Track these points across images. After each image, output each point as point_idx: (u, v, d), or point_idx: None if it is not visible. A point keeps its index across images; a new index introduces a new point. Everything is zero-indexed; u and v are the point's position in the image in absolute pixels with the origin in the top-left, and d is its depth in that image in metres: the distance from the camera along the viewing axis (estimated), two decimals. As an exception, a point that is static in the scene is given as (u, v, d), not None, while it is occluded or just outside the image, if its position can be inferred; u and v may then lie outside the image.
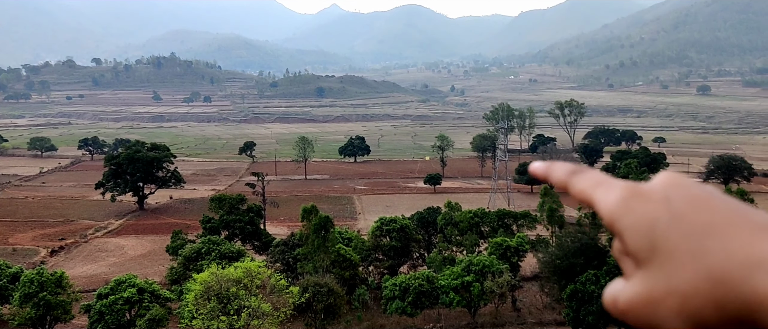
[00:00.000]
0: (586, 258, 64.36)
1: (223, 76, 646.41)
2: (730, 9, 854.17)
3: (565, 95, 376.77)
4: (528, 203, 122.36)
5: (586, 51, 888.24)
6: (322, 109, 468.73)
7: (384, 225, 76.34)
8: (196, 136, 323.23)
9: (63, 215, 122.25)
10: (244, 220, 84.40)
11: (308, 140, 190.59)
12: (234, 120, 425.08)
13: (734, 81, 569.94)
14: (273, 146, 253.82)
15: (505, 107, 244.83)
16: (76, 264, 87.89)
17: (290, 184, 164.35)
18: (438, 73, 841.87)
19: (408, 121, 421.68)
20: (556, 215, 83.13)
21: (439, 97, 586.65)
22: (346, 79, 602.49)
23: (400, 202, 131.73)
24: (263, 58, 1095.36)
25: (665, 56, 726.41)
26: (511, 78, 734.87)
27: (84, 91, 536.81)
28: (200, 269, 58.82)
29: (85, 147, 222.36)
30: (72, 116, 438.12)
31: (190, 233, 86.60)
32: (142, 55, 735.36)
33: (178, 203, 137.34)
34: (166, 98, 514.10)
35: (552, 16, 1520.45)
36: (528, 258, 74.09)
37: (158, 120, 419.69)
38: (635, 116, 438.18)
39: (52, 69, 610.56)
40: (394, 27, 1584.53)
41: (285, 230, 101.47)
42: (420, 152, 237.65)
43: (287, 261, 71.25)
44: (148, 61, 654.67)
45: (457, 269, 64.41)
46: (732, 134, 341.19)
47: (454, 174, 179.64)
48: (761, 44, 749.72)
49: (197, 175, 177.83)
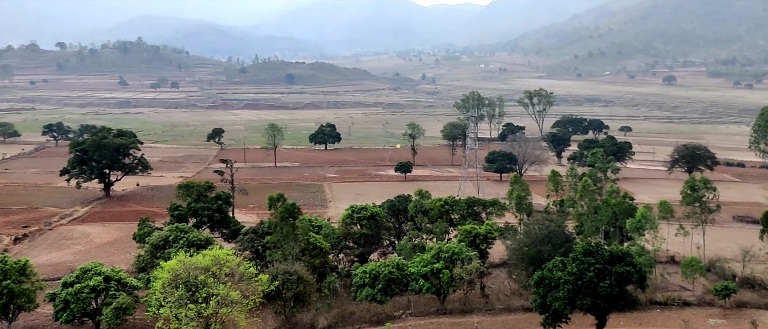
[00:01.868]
0: (554, 245, 65.27)
1: (191, 61, 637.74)
2: (696, 1, 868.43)
3: (534, 85, 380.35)
4: (497, 191, 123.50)
5: (555, 41, 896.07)
6: (292, 96, 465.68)
7: (355, 213, 76.36)
8: (163, 122, 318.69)
9: (27, 202, 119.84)
10: (212, 208, 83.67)
11: (278, 128, 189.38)
12: (202, 106, 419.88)
13: (699, 72, 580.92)
14: (242, 133, 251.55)
15: (475, 95, 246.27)
16: (40, 252, 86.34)
17: (260, 171, 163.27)
18: (409, 62, 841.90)
19: (379, 108, 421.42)
20: (525, 203, 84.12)
21: (410, 85, 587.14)
22: (316, 66, 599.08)
23: (371, 190, 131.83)
24: (232, 44, 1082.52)
25: (632, 47, 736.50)
26: (481, 67, 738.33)
27: (48, 75, 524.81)
28: (168, 257, 58.24)
29: (50, 133, 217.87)
30: (36, 101, 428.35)
31: (157, 220, 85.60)
32: (108, 40, 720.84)
33: (145, 190, 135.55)
34: (133, 84, 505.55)
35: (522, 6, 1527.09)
36: (496, 245, 74.85)
37: (124, 106, 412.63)
38: (603, 105, 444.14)
39: (14, 53, 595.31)
40: (365, 14, 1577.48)
41: (254, 218, 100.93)
42: (391, 140, 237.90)
43: (256, 249, 70.90)
44: (114, 46, 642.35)
45: (426, 256, 64.78)
46: (696, 123, 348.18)
47: (425, 162, 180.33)
48: (725, 36, 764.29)
49: (164, 162, 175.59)
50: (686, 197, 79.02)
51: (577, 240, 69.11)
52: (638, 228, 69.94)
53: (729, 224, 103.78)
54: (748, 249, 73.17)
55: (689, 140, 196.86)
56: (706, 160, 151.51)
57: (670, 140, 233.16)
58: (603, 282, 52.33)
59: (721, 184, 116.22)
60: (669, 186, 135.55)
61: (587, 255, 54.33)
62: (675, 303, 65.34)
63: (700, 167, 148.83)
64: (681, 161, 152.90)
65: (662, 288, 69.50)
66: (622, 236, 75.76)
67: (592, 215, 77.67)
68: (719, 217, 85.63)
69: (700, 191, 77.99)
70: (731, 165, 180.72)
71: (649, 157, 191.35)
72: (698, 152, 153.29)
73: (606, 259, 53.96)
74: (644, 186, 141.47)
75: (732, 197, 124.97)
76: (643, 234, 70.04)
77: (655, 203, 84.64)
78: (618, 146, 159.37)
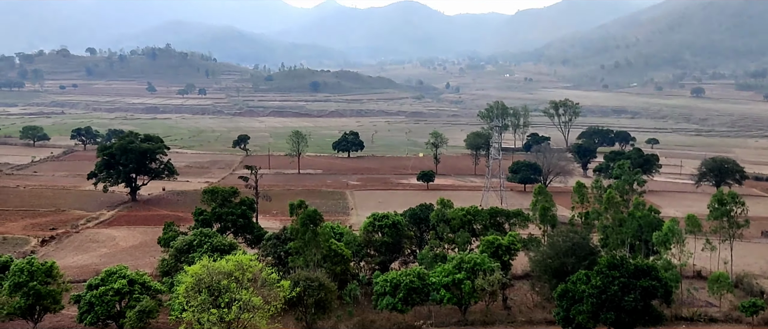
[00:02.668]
0: (578, 257, 64.49)
1: (218, 68, 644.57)
2: (725, 12, 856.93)
3: (559, 95, 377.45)
4: (521, 201, 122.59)
5: (581, 51, 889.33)
6: (316, 103, 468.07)
7: (376, 221, 76.30)
8: (190, 128, 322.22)
9: (54, 204, 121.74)
10: (236, 213, 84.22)
11: (302, 135, 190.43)
12: (228, 113, 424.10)
13: (728, 84, 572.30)
14: (267, 140, 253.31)
15: (499, 105, 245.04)
16: (66, 254, 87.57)
17: (283, 178, 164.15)
18: (433, 70, 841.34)
19: (402, 117, 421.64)
20: (549, 215, 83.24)
21: (434, 94, 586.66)
22: (341, 75, 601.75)
23: (393, 198, 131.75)
24: (259, 51, 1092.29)
25: (660, 58, 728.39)
26: (506, 76, 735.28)
27: (78, 80, 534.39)
28: (192, 261, 58.64)
29: (78, 137, 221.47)
30: (65, 105, 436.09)
31: (182, 225, 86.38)
32: (136, 45, 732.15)
33: (171, 194, 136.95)
34: (161, 90, 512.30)
35: (548, 16, 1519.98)
36: (519, 257, 74.19)
37: (152, 111, 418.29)
38: (629, 116, 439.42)
39: (45, 58, 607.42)
40: (390, 23, 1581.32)
41: (277, 224, 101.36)
42: (414, 149, 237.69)
43: (279, 255, 71.14)
44: (143, 52, 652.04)
45: (448, 266, 64.41)
46: (725, 136, 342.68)
47: (448, 171, 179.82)
48: (755, 48, 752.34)
49: (190, 167, 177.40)
50: (714, 212, 77.67)
51: (601, 253, 68.28)
52: (665, 242, 68.87)
53: (757, 240, 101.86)
54: (778, 266, 71.75)
55: (717, 154, 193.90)
56: (734, 174, 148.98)
57: (698, 153, 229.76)
58: (628, 296, 51.65)
59: (750, 199, 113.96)
60: (696, 200, 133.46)
61: (612, 268, 53.66)
62: (701, 319, 64.17)
63: (728, 181, 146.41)
64: (709, 174, 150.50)
65: (688, 303, 68.34)
66: (648, 250, 74.66)
67: (617, 227, 76.68)
68: (747, 232, 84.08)
69: (728, 205, 76.62)
70: (760, 180, 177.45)
71: (676, 170, 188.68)
72: (726, 166, 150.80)
73: (631, 273, 53.25)
74: (671, 199, 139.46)
75: (760, 212, 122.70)
76: (670, 248, 68.95)
77: (681, 217, 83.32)
78: (644, 158, 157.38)
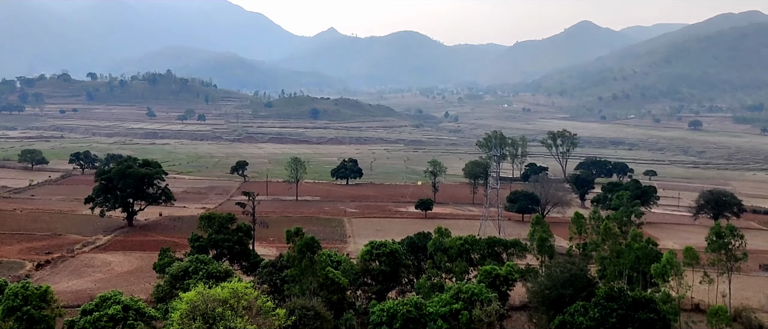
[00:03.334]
0: (576, 288, 64.13)
1: (218, 94, 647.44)
2: (721, 45, 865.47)
3: (557, 125, 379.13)
4: (518, 231, 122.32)
5: (579, 82, 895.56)
6: (316, 130, 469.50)
7: (374, 249, 75.97)
8: (188, 153, 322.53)
9: (51, 228, 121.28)
10: (232, 239, 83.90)
11: (300, 161, 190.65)
12: (227, 139, 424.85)
13: (725, 117, 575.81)
14: (265, 166, 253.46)
15: (498, 134, 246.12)
16: (61, 279, 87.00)
17: (281, 204, 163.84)
18: (432, 99, 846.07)
19: (401, 145, 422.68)
20: (547, 245, 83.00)
21: (433, 122, 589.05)
22: (340, 102, 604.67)
23: (391, 226, 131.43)
24: (259, 77, 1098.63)
25: (657, 90, 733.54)
26: (504, 106, 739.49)
27: (78, 105, 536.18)
28: (187, 288, 58.21)
29: (76, 161, 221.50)
30: (65, 129, 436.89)
31: (178, 251, 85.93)
32: (138, 70, 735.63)
33: (168, 220, 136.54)
34: (161, 115, 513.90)
35: (546, 47, 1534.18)
36: (517, 287, 73.77)
37: (151, 136, 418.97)
38: (627, 148, 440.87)
39: (46, 82, 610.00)
40: (390, 52, 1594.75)
41: (274, 251, 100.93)
42: (412, 177, 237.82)
43: (275, 283, 70.68)
44: (143, 78, 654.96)
45: (445, 296, 64.01)
46: (722, 169, 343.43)
47: (446, 200, 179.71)
48: (751, 81, 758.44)
49: (188, 192, 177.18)
50: (711, 244, 77.48)
51: (599, 285, 67.93)
52: (663, 274, 68.63)
53: (755, 273, 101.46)
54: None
55: (715, 186, 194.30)
56: (732, 207, 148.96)
57: (696, 185, 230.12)
58: (626, 328, 51.27)
59: (748, 232, 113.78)
60: (694, 232, 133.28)
61: (610, 300, 53.37)
62: (700, 353, 63.64)
63: (726, 213, 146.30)
64: (706, 207, 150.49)
65: (687, 336, 67.79)
66: (646, 282, 74.34)
67: (615, 259, 76.44)
68: (745, 266, 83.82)
69: (727, 238, 76.48)
70: (758, 213, 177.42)
71: (673, 202, 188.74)
72: (724, 199, 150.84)
73: (629, 305, 52.95)
74: (669, 232, 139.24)
75: (759, 245, 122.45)
76: (668, 281, 68.66)
77: (679, 249, 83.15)
78: (642, 190, 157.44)
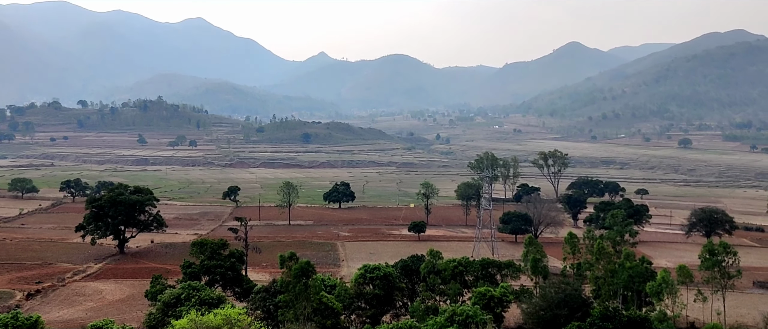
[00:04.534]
0: (570, 309, 64.02)
1: (209, 120, 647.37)
2: (710, 65, 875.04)
3: (548, 146, 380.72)
4: (512, 252, 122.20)
5: (569, 103, 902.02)
6: (307, 154, 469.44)
7: (367, 273, 75.69)
8: (180, 180, 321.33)
9: (41, 257, 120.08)
10: (225, 265, 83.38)
11: (293, 186, 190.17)
12: (219, 164, 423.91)
13: (715, 135, 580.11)
14: (257, 191, 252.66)
15: (489, 156, 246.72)
16: (52, 308, 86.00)
17: (274, 229, 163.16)
18: (424, 122, 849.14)
19: (393, 168, 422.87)
20: (540, 266, 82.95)
21: (425, 145, 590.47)
22: (332, 126, 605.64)
23: (384, 249, 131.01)
24: (251, 103, 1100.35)
25: (647, 109, 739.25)
26: (495, 128, 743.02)
27: (69, 132, 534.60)
28: (179, 315, 57.71)
29: (67, 189, 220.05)
30: (55, 157, 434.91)
31: (170, 278, 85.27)
32: (129, 97, 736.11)
33: (160, 247, 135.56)
34: (152, 142, 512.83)
35: (536, 69, 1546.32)
36: (512, 309, 73.54)
37: (142, 163, 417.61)
38: (618, 167, 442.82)
39: (37, 110, 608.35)
40: (380, 75, 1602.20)
41: (267, 276, 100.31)
42: (405, 199, 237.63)
43: (268, 309, 70.16)
44: (134, 104, 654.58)
45: (440, 319, 63.67)
46: (713, 187, 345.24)
47: (439, 222, 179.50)
48: (739, 99, 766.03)
49: (180, 219, 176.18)
50: (705, 262, 77.66)
51: (594, 304, 67.82)
52: (658, 293, 68.61)
53: (749, 290, 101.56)
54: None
55: (706, 204, 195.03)
56: (724, 224, 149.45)
57: (687, 203, 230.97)
58: (621, 348, 51.10)
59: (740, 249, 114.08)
60: (687, 250, 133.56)
61: (605, 320, 53.25)
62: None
63: (718, 231, 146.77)
64: (699, 224, 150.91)
65: (683, 355, 67.61)
66: (640, 301, 74.27)
67: (609, 278, 76.42)
68: (739, 283, 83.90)
69: (720, 255, 76.67)
70: (750, 230, 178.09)
71: (665, 220, 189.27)
72: (716, 216, 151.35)
73: (624, 324, 52.85)
74: (662, 250, 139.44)
75: (752, 262, 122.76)
76: (663, 299, 68.63)
77: (673, 268, 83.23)
78: (634, 208, 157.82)
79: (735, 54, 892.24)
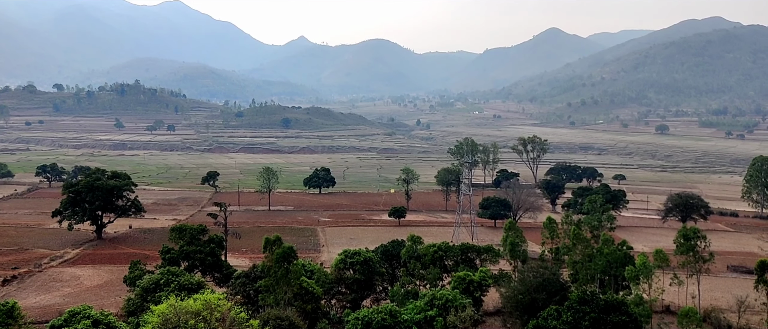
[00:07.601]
0: (548, 293, 64.67)
1: (188, 104, 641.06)
2: (687, 52, 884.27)
3: (528, 132, 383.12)
4: (491, 237, 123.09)
5: (548, 89, 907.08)
6: (287, 140, 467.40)
7: (348, 258, 75.81)
8: (158, 164, 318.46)
9: (17, 243, 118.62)
10: (204, 251, 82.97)
11: (273, 171, 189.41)
12: (198, 149, 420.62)
13: (691, 121, 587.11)
14: (237, 176, 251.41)
15: (469, 142, 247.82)
16: (29, 294, 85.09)
17: (253, 215, 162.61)
18: (404, 107, 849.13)
19: (374, 153, 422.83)
20: (519, 250, 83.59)
21: (405, 130, 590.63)
22: (312, 111, 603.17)
23: (365, 234, 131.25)
24: (229, 87, 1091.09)
25: (625, 96, 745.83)
26: (475, 113, 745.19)
27: (44, 117, 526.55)
28: (158, 300, 57.41)
29: (43, 174, 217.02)
30: (31, 141, 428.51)
31: (149, 263, 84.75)
32: (105, 82, 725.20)
33: (138, 232, 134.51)
34: (129, 126, 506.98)
35: (516, 55, 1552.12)
36: (491, 293, 74.18)
37: (120, 148, 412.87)
38: (596, 153, 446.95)
39: (11, 94, 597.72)
40: (361, 60, 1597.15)
41: (247, 261, 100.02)
42: (385, 185, 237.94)
43: (248, 294, 70.04)
44: (111, 88, 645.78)
45: (420, 303, 64.14)
46: (689, 172, 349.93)
47: (419, 207, 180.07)
48: (716, 86, 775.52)
49: (158, 204, 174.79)
50: (680, 247, 78.80)
51: (572, 289, 68.59)
52: (636, 277, 69.55)
53: (723, 274, 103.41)
54: (743, 299, 72.65)
55: (683, 189, 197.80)
56: (699, 209, 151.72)
57: (664, 189, 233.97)
58: (598, 331, 51.77)
59: (715, 234, 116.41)
60: (663, 235, 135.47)
61: (582, 304, 53.89)
62: (671, 354, 64.52)
63: (693, 216, 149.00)
64: (675, 210, 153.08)
65: (658, 338, 68.69)
66: (618, 285, 75.25)
67: (586, 263, 77.29)
68: (714, 267, 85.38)
69: (694, 240, 77.87)
70: (725, 215, 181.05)
71: (642, 205, 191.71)
72: (692, 202, 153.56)
73: (601, 308, 53.52)
74: (638, 235, 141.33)
75: (726, 246, 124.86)
76: (640, 284, 69.58)
77: (650, 252, 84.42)
78: (612, 194, 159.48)
79: (712, 41, 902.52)
